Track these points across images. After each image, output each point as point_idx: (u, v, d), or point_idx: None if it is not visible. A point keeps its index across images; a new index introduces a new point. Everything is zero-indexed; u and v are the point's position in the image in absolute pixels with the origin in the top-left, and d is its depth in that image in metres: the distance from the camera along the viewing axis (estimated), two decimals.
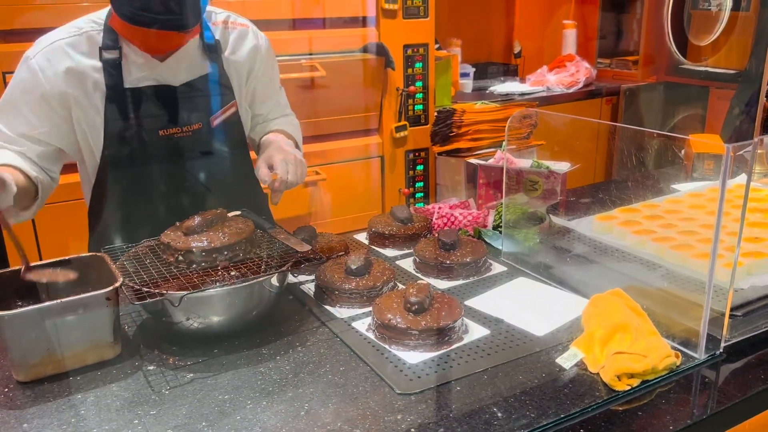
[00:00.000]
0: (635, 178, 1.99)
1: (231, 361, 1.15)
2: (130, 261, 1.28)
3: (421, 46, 2.86)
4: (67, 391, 1.08)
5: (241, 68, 1.53)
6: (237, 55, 1.52)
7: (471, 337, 1.21)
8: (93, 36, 1.39)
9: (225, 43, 1.50)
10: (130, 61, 1.39)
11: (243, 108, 1.58)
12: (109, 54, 1.37)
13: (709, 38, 3.66)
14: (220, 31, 1.50)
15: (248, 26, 1.56)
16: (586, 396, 1.03)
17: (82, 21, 1.41)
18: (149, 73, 1.41)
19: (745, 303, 1.25)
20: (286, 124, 1.67)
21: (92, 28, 1.39)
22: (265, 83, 1.61)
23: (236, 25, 1.53)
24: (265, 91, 1.62)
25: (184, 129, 1.45)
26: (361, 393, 1.05)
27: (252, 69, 1.56)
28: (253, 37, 1.55)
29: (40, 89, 1.37)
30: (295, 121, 1.72)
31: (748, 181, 1.14)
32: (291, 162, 1.41)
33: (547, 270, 1.48)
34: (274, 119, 1.67)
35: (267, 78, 1.61)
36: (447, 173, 3.02)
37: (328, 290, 1.35)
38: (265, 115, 1.66)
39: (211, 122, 1.48)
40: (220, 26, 1.50)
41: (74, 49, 1.38)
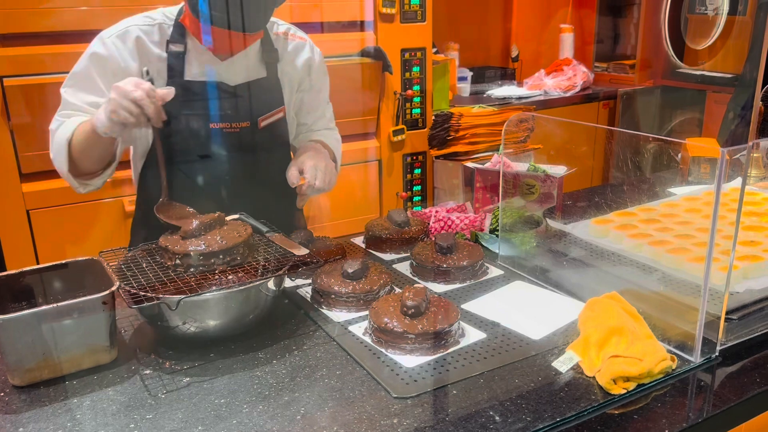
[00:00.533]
0: (631, 181, 1.99)
1: (227, 365, 1.15)
2: (127, 265, 1.28)
3: (419, 50, 2.87)
4: (63, 395, 1.08)
5: (293, 77, 1.62)
6: (291, 65, 1.61)
7: (467, 341, 1.21)
8: (164, 28, 1.47)
9: (282, 52, 1.59)
10: (193, 56, 1.47)
11: (290, 115, 1.66)
12: (175, 47, 1.46)
13: (706, 42, 3.67)
14: (281, 41, 1.60)
15: (306, 40, 1.65)
16: (582, 399, 1.04)
17: (156, 13, 1.49)
18: (209, 70, 1.49)
19: (740, 306, 1.25)
20: (328, 137, 1.73)
21: (164, 21, 1.48)
22: (313, 95, 1.69)
23: (295, 37, 1.63)
24: (311, 102, 1.70)
25: (233, 125, 1.52)
26: (358, 397, 1.05)
27: (303, 80, 1.64)
28: (308, 50, 1.64)
29: (113, 64, 1.44)
30: (337, 136, 1.78)
31: (743, 184, 1.14)
32: (321, 169, 1.47)
33: (543, 273, 1.48)
34: (318, 131, 1.74)
35: (315, 90, 1.69)
36: (445, 177, 3.02)
37: (324, 294, 1.35)
38: (310, 125, 1.73)
39: (258, 123, 1.55)
40: (280, 36, 1.60)
41: (147, 36, 1.46)
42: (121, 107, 1.26)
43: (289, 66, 1.61)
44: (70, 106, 1.45)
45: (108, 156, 1.46)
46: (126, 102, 1.26)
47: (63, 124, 1.44)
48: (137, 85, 1.26)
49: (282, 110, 1.60)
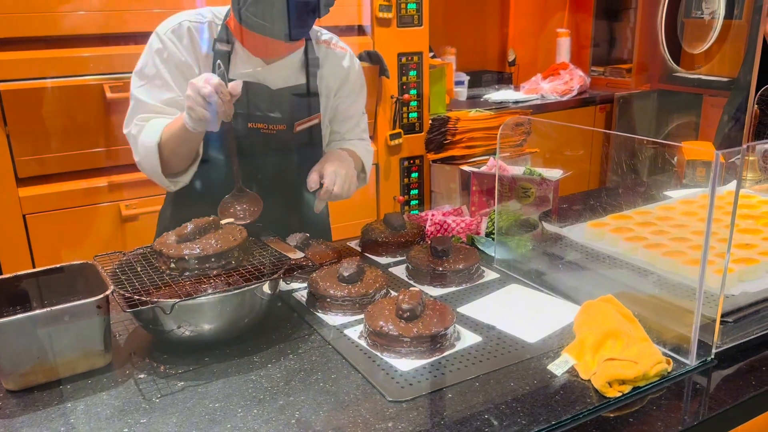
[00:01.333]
0: (627, 185, 1.99)
1: (222, 369, 1.15)
2: (122, 269, 1.28)
3: (416, 55, 2.87)
4: (57, 399, 1.07)
5: (331, 86, 1.65)
6: (330, 74, 1.64)
7: (463, 344, 1.21)
8: (213, 27, 1.51)
9: (323, 61, 1.62)
10: (238, 57, 1.51)
11: (325, 124, 1.68)
12: (222, 47, 1.49)
13: (703, 46, 3.68)
14: (323, 50, 1.63)
15: (347, 50, 1.68)
16: (578, 403, 1.03)
17: (205, 10, 1.52)
18: (252, 72, 1.52)
19: (736, 309, 1.25)
20: (358, 146, 1.75)
21: (213, 20, 1.51)
22: (347, 104, 1.71)
23: (336, 47, 1.66)
24: (346, 111, 1.72)
25: (270, 127, 1.55)
26: (353, 401, 1.05)
27: (340, 88, 1.67)
28: (348, 60, 1.67)
29: (174, 58, 1.47)
30: (369, 147, 1.80)
31: (738, 187, 1.15)
32: (341, 175, 1.50)
33: (539, 277, 1.48)
34: (350, 140, 1.76)
35: (351, 100, 1.71)
36: (442, 181, 3.03)
37: (320, 297, 1.35)
38: (342, 133, 1.75)
39: (294, 127, 1.58)
40: (322, 45, 1.63)
41: (197, 33, 1.49)
42: (195, 103, 1.30)
43: (329, 74, 1.64)
44: (146, 107, 1.48)
45: (195, 152, 1.50)
46: (198, 98, 1.29)
47: (144, 128, 1.46)
48: (207, 81, 1.29)
49: (318, 117, 1.62)
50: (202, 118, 1.31)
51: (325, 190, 1.47)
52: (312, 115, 1.61)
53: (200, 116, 1.31)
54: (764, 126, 2.36)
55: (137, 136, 1.47)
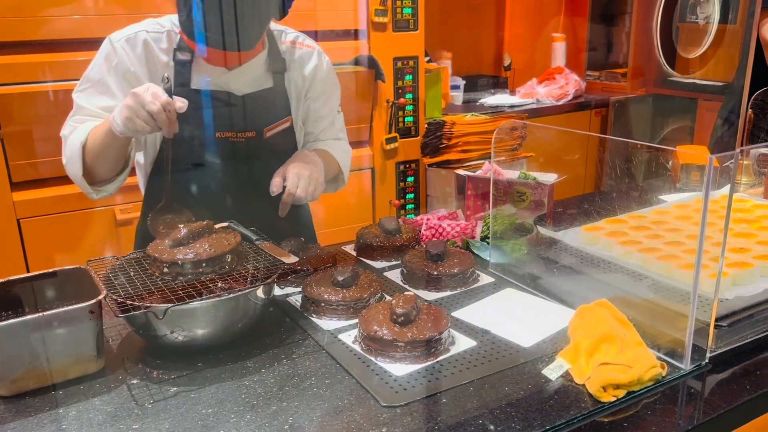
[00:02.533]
0: (623, 189, 2.00)
1: (215, 375, 1.14)
2: (115, 273, 1.28)
3: (411, 59, 2.87)
4: (48, 405, 1.07)
5: (300, 86, 1.61)
6: (299, 74, 1.60)
7: (458, 349, 1.20)
8: (172, 36, 1.47)
9: (290, 62, 1.58)
10: (200, 65, 1.47)
11: (298, 126, 1.65)
12: (183, 56, 1.45)
13: (698, 51, 3.70)
14: (288, 49, 1.58)
15: (314, 48, 1.63)
16: (572, 407, 1.03)
17: (164, 20, 1.50)
18: (215, 80, 1.48)
19: (730, 313, 1.25)
20: (333, 147, 1.71)
21: (172, 29, 1.48)
22: (319, 104, 1.67)
23: (303, 46, 1.61)
24: (318, 111, 1.67)
25: (239, 135, 1.52)
26: (346, 406, 1.04)
27: (310, 88, 1.63)
28: (317, 58, 1.62)
29: (124, 67, 1.44)
30: (345, 147, 1.76)
31: (731, 191, 1.15)
32: (304, 177, 1.44)
33: (534, 281, 1.48)
34: (324, 140, 1.72)
35: (323, 98, 1.67)
36: (437, 185, 3.03)
37: (314, 302, 1.35)
38: (316, 134, 1.71)
39: (264, 133, 1.54)
40: (288, 45, 1.59)
41: (155, 43, 1.46)
42: (136, 116, 1.26)
43: (297, 75, 1.60)
44: (84, 111, 1.45)
45: (122, 160, 1.47)
46: (142, 112, 1.25)
47: (76, 129, 1.43)
48: (155, 97, 1.25)
49: (288, 120, 1.59)
50: (140, 130, 1.27)
51: (287, 193, 1.42)
52: (282, 119, 1.57)
53: (139, 129, 1.27)
54: (759, 130, 2.37)
55: (68, 137, 1.43)
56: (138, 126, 1.26)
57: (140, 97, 1.25)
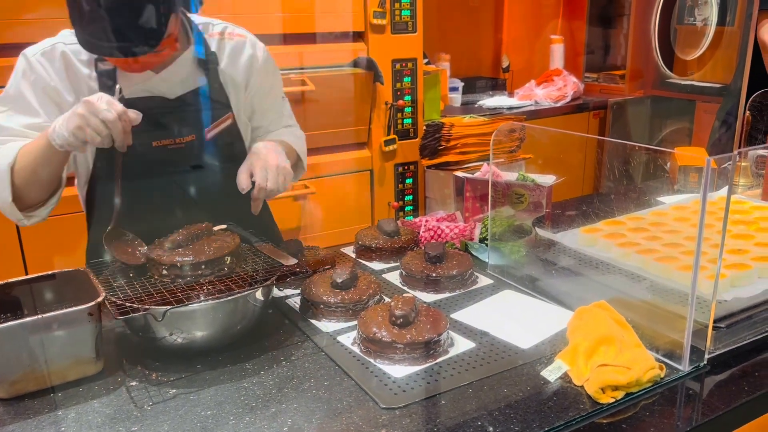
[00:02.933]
0: (621, 190, 2.00)
1: (214, 377, 1.14)
2: (114, 276, 1.28)
3: (410, 61, 2.88)
4: (48, 407, 1.07)
5: (238, 80, 1.52)
6: (233, 67, 1.51)
7: (456, 351, 1.21)
8: None
9: (221, 55, 1.49)
10: (125, 72, 1.38)
11: (242, 121, 1.56)
12: (105, 65, 1.37)
13: (696, 53, 3.71)
14: (217, 42, 1.49)
15: (245, 37, 1.54)
16: (571, 409, 1.03)
17: None
18: (143, 85, 1.40)
19: (728, 315, 1.25)
20: (287, 134, 1.62)
21: None
22: (263, 94, 1.58)
23: (233, 36, 1.52)
24: (264, 102, 1.60)
25: (177, 141, 1.44)
26: (345, 408, 1.04)
27: (249, 80, 1.54)
28: (250, 47, 1.53)
29: (42, 82, 1.37)
30: (297, 132, 1.68)
31: (729, 193, 1.15)
32: (271, 169, 1.37)
33: (532, 282, 1.48)
34: (275, 131, 1.64)
35: (266, 89, 1.59)
36: (436, 186, 3.03)
37: (313, 304, 1.35)
38: (266, 126, 1.63)
39: (204, 135, 1.47)
40: (216, 38, 1.49)
41: (74, 55, 1.38)
42: (88, 125, 1.20)
43: (231, 68, 1.50)
44: (6, 131, 1.37)
45: (57, 180, 1.39)
46: (95, 121, 1.19)
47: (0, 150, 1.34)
48: (110, 105, 1.20)
49: (229, 117, 1.50)
50: (90, 140, 1.21)
51: (258, 188, 1.34)
52: (222, 117, 1.48)
53: (89, 139, 1.20)
54: (757, 131, 2.37)
55: None
56: (88, 135, 1.20)
57: (93, 105, 1.20)
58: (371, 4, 2.71)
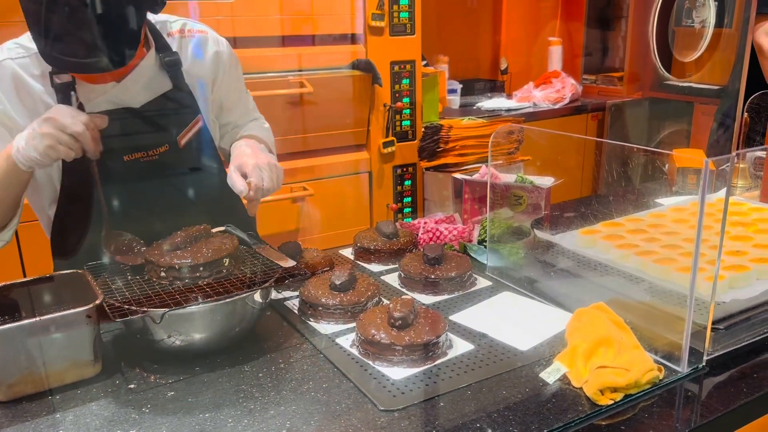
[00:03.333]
0: (619, 192, 2.00)
1: (212, 379, 1.14)
2: (112, 278, 1.27)
3: (408, 63, 2.88)
4: (46, 410, 1.06)
5: (204, 78, 1.46)
6: (198, 66, 1.44)
7: (455, 352, 1.20)
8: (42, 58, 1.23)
9: (184, 55, 1.41)
10: (84, 84, 1.29)
11: (210, 120, 1.50)
12: (60, 78, 1.25)
13: (694, 54, 3.71)
14: (177, 41, 1.42)
15: (207, 32, 1.47)
16: (569, 411, 1.03)
17: (27, 39, 1.30)
18: (106, 96, 1.31)
19: (727, 316, 1.25)
20: (256, 128, 1.60)
21: None
22: (230, 90, 1.54)
23: (194, 32, 1.44)
24: (231, 98, 1.56)
25: (150, 153, 1.37)
26: (344, 410, 1.04)
27: (216, 77, 1.48)
28: (213, 43, 1.47)
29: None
30: (265, 125, 1.66)
31: (727, 194, 1.15)
32: (265, 167, 1.31)
33: (531, 284, 1.48)
34: (244, 125, 1.61)
35: (232, 84, 1.54)
36: (435, 188, 3.03)
37: (312, 306, 1.35)
38: (235, 121, 1.59)
39: (178, 142, 1.41)
40: (176, 36, 1.42)
41: (25, 71, 1.28)
42: (59, 143, 1.16)
43: (196, 67, 1.43)
44: None
45: (18, 202, 1.34)
46: (65, 137, 1.16)
47: None
48: (74, 117, 1.15)
49: (199, 120, 1.43)
50: (64, 156, 1.17)
51: (255, 188, 1.27)
52: (192, 121, 1.41)
53: (63, 155, 1.17)
54: (755, 133, 2.38)
55: None
56: (62, 152, 1.17)
57: (58, 121, 1.15)
58: (370, 6, 2.71)
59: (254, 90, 2.46)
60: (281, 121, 2.63)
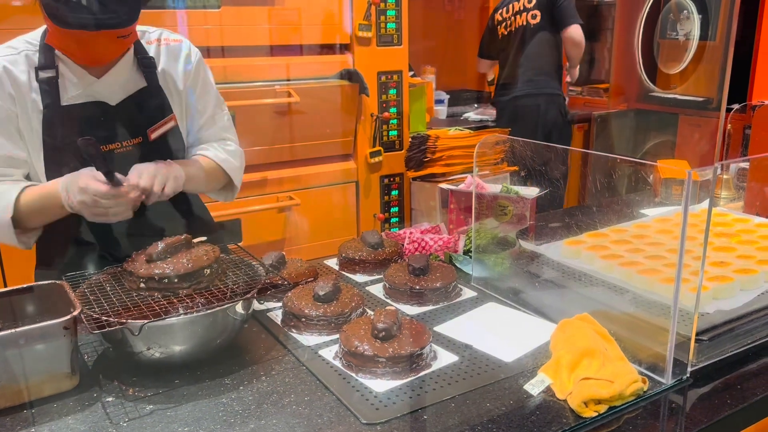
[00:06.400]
0: (604, 203, 2.01)
1: (192, 392, 1.12)
2: (91, 289, 1.25)
3: (395, 73, 2.88)
4: (21, 424, 1.04)
5: (177, 80, 1.55)
6: (171, 69, 1.54)
7: (439, 364, 1.19)
8: (30, 56, 1.38)
9: (158, 59, 1.52)
10: (66, 79, 1.39)
11: (183, 124, 1.59)
12: (45, 73, 1.37)
13: (679, 67, 3.75)
14: (154, 48, 1.53)
15: (181, 41, 1.58)
16: (554, 423, 1.02)
17: (17, 41, 1.41)
18: (85, 91, 1.41)
19: (710, 327, 1.25)
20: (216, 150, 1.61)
21: (27, 48, 1.39)
22: (195, 96, 1.60)
23: (169, 41, 1.56)
24: (195, 105, 1.60)
25: (124, 144, 1.47)
26: (326, 423, 1.03)
27: (186, 80, 1.57)
28: (185, 48, 1.57)
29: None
30: (230, 147, 1.65)
31: (710, 205, 1.15)
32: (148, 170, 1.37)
33: (516, 294, 1.47)
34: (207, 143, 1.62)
35: (198, 90, 1.60)
36: (422, 198, 3.03)
37: (295, 317, 1.33)
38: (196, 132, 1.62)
39: (148, 135, 1.49)
40: (153, 44, 1.53)
41: (15, 68, 1.37)
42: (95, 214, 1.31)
43: (170, 70, 1.54)
44: None
45: None
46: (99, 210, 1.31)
47: None
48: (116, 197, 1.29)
49: (172, 118, 1.53)
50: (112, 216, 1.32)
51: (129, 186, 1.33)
52: (164, 118, 1.51)
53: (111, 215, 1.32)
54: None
55: None
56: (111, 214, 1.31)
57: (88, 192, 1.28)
58: (357, 16, 2.72)
59: (241, 99, 2.46)
60: (268, 131, 2.61)
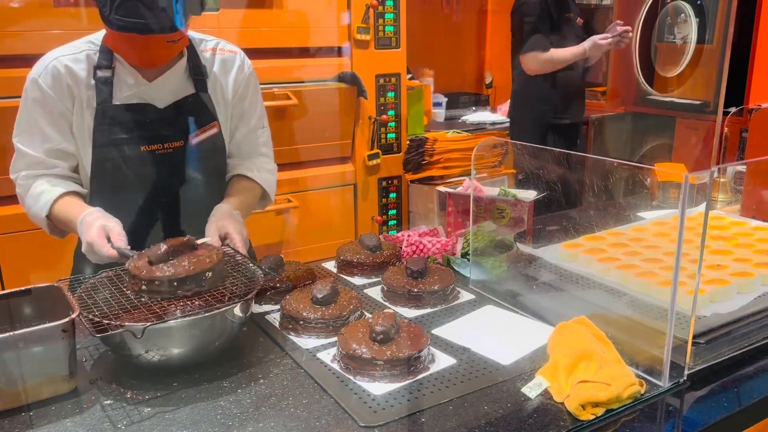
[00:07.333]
0: (602, 206, 2.01)
1: (190, 395, 1.12)
2: (88, 292, 1.25)
3: (393, 76, 2.89)
4: (19, 427, 1.04)
5: (226, 90, 1.60)
6: (223, 78, 1.59)
7: (437, 367, 1.20)
8: (90, 56, 1.47)
9: (211, 68, 1.58)
10: (121, 80, 1.48)
11: (227, 131, 1.63)
12: (103, 72, 1.46)
13: (676, 70, 3.76)
14: (209, 57, 1.58)
15: (236, 53, 1.63)
16: (551, 426, 1.03)
17: (80, 42, 1.50)
18: (137, 92, 1.49)
19: (707, 330, 1.26)
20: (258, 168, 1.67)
21: (89, 48, 1.48)
22: (246, 105, 1.64)
23: (224, 51, 1.61)
24: (243, 112, 1.64)
25: (166, 146, 1.52)
26: (324, 426, 1.03)
27: (236, 90, 1.62)
28: (239, 61, 1.62)
29: (52, 106, 1.46)
30: (269, 166, 1.71)
31: (707, 208, 1.16)
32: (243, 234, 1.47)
33: (514, 297, 1.48)
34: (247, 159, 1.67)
35: (246, 100, 1.64)
36: (420, 201, 3.03)
37: (293, 320, 1.33)
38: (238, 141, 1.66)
39: (190, 140, 1.54)
40: (208, 53, 1.59)
41: (75, 65, 1.46)
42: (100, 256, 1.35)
43: (221, 79, 1.59)
44: (28, 157, 1.48)
45: None
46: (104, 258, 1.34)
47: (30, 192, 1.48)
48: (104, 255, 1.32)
49: (215, 126, 1.58)
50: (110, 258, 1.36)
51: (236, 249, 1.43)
52: (208, 125, 1.56)
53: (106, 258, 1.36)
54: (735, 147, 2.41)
55: (24, 196, 1.50)
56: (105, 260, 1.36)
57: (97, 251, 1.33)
58: (355, 19, 2.72)
59: None
60: None
